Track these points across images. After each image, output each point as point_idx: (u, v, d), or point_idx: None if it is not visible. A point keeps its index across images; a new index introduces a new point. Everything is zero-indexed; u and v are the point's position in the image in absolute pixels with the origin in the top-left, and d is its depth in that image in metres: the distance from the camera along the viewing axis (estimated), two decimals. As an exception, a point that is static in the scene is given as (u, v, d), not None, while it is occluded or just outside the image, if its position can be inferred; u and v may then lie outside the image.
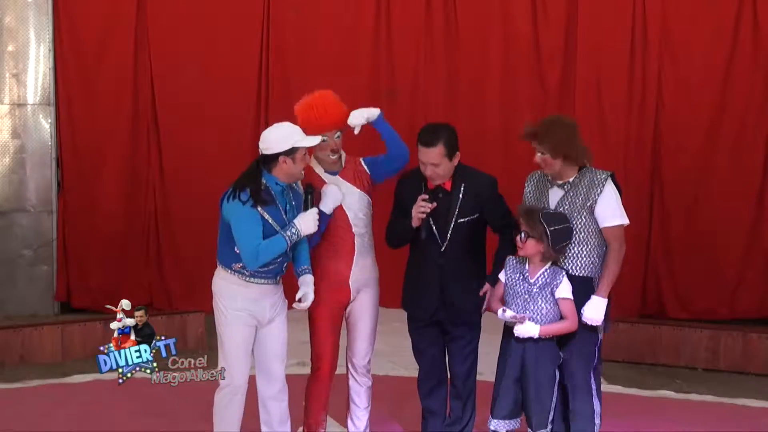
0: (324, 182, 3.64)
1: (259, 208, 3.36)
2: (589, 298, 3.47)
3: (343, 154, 3.74)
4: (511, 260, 3.53)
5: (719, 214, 6.52)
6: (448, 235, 3.52)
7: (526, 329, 3.36)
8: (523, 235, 3.39)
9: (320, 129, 3.56)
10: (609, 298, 3.49)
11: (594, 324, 3.45)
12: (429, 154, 3.46)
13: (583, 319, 3.44)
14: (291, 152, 3.38)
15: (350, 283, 3.66)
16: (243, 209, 3.35)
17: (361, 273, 3.68)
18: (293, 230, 3.38)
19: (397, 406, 4.46)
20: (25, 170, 6.81)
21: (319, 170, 3.68)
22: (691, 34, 6.50)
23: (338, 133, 3.62)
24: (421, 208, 3.44)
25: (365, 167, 3.76)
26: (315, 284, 3.57)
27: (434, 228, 3.52)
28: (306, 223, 3.39)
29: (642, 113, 6.62)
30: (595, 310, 3.42)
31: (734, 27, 6.44)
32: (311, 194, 3.47)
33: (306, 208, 3.47)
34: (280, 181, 3.42)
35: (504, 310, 3.40)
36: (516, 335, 3.38)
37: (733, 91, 6.49)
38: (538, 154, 3.49)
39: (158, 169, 6.92)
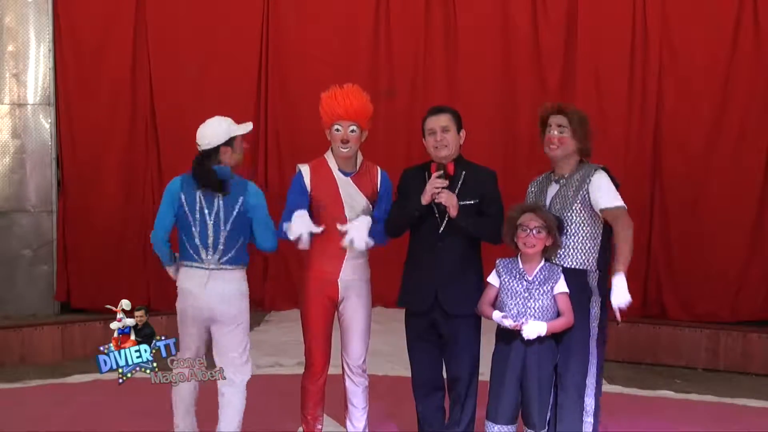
0: (335, 181, 3.64)
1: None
2: (582, 291, 3.47)
3: (360, 157, 3.73)
4: (501, 262, 3.52)
5: (720, 215, 6.49)
6: (447, 217, 3.51)
7: (535, 329, 3.32)
8: (535, 231, 3.38)
9: (336, 115, 3.58)
10: (605, 298, 3.49)
11: (626, 305, 3.26)
12: (439, 118, 3.57)
13: (614, 305, 3.27)
14: (230, 142, 3.58)
15: (338, 281, 3.67)
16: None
17: (351, 272, 3.68)
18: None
19: (396, 406, 4.45)
20: (25, 170, 6.81)
21: (333, 166, 3.68)
22: (692, 33, 6.49)
23: (353, 126, 3.59)
24: (438, 182, 3.45)
25: (379, 180, 3.74)
26: (306, 281, 3.68)
27: (435, 209, 3.52)
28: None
29: (642, 113, 6.62)
30: (620, 291, 3.26)
31: (735, 26, 6.43)
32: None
33: None
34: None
35: (504, 317, 3.38)
36: (525, 338, 3.33)
37: (734, 91, 6.47)
38: (555, 132, 3.50)
39: (156, 169, 6.92)
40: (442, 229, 3.54)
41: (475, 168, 3.63)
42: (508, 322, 3.36)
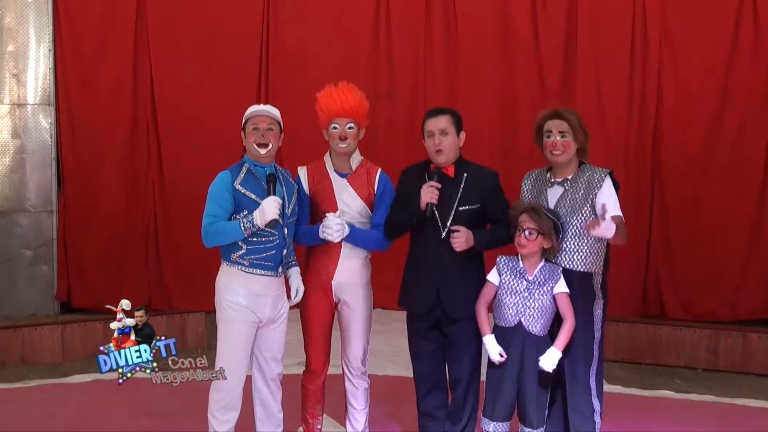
0: (330, 182, 3.64)
1: (239, 186, 3.39)
2: (587, 294, 3.48)
3: (356, 159, 3.70)
4: (502, 260, 3.52)
5: (720, 215, 6.51)
6: (449, 222, 3.51)
7: (553, 359, 3.35)
8: (528, 232, 3.38)
9: (333, 113, 3.58)
10: (606, 300, 3.53)
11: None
12: (438, 120, 3.55)
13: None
14: (243, 126, 3.51)
15: (332, 282, 3.67)
16: (214, 183, 3.44)
17: (347, 274, 3.67)
18: (248, 218, 3.36)
19: (397, 406, 4.45)
20: (25, 170, 6.83)
21: (329, 167, 3.67)
22: (691, 34, 6.51)
23: (351, 123, 3.59)
24: (430, 189, 3.45)
25: (377, 181, 3.70)
26: (304, 281, 3.64)
27: (436, 213, 3.52)
28: (262, 211, 3.34)
29: (642, 113, 6.63)
30: (605, 224, 3.21)
31: (734, 27, 6.45)
32: (273, 183, 3.41)
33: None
34: (250, 159, 3.48)
35: (501, 355, 3.39)
36: (546, 370, 3.36)
37: (734, 91, 6.49)
38: (558, 137, 3.49)
39: (157, 169, 6.94)
40: (444, 234, 3.53)
41: (476, 169, 3.61)
42: (495, 356, 3.38)
